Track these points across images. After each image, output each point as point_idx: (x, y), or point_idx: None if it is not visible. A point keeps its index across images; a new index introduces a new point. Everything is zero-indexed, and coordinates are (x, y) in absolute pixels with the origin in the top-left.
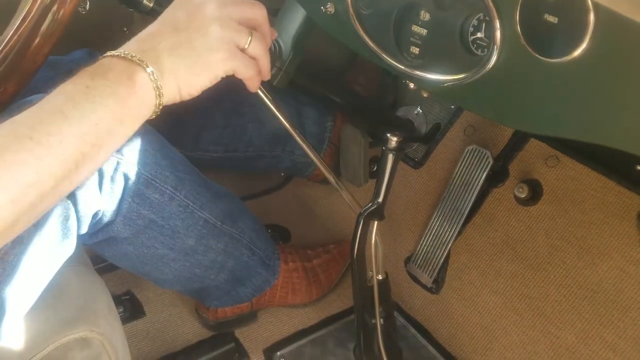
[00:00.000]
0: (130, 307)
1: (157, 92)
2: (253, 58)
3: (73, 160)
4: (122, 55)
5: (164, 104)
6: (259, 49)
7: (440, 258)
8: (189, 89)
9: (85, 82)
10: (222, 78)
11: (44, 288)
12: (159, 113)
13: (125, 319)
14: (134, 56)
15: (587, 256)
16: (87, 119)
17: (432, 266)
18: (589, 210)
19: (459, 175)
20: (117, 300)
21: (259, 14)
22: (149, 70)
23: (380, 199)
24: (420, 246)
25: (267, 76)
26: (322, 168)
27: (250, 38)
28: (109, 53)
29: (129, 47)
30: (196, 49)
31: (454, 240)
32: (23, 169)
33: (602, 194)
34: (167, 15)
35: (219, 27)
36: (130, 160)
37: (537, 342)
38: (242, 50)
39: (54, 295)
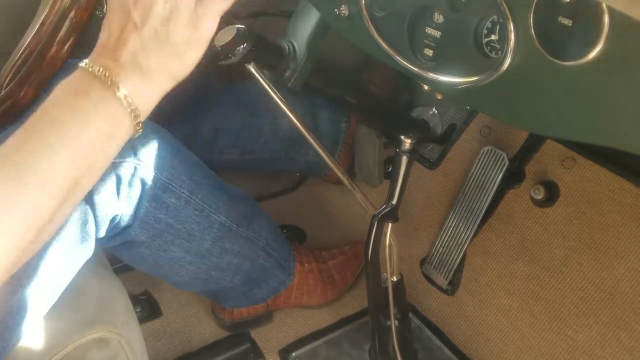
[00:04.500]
0: (147, 307)
1: (133, 115)
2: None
3: (66, 188)
4: (96, 73)
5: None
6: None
7: (455, 259)
8: (175, 69)
9: (68, 102)
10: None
11: (63, 289)
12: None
13: (143, 319)
14: (106, 75)
15: (604, 258)
16: (75, 141)
17: (448, 268)
18: (606, 212)
19: (475, 176)
20: (135, 300)
21: None
22: (119, 94)
23: (394, 201)
24: (436, 247)
25: None
26: (335, 170)
27: None
28: (83, 63)
29: (97, 60)
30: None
31: (470, 242)
32: (21, 212)
33: (620, 195)
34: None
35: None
36: (147, 165)
37: (553, 345)
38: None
39: (73, 296)
